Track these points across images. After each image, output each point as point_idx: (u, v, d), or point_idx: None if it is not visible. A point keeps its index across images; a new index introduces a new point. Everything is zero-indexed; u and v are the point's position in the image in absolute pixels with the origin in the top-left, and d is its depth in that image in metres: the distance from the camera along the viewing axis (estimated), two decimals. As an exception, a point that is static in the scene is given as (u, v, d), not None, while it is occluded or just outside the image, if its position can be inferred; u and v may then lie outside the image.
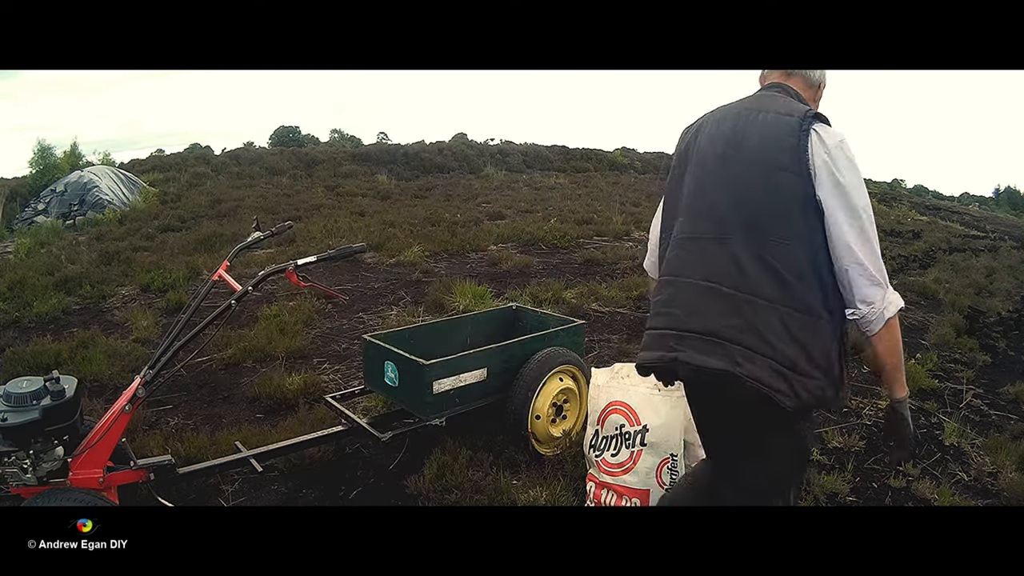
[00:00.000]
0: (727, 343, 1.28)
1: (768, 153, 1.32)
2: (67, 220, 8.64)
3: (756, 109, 1.41)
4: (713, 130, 1.44)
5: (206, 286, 2.19)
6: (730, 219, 1.34)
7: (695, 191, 1.42)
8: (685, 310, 1.35)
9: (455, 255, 6.38)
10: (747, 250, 1.30)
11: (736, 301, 1.29)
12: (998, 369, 4.16)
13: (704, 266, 1.35)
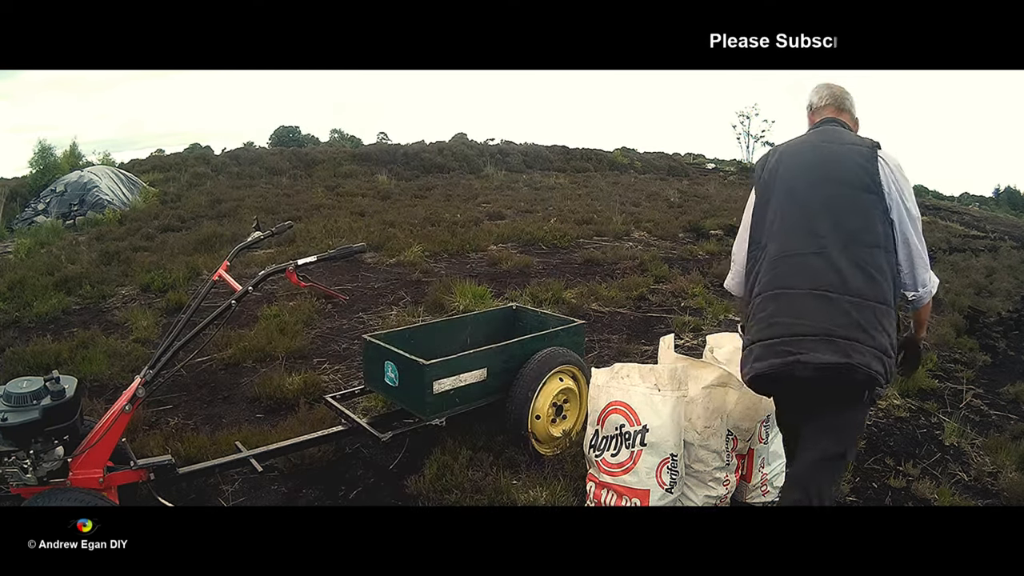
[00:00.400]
0: (839, 339, 1.52)
1: (854, 177, 1.61)
2: (67, 220, 8.64)
3: (829, 141, 1.70)
4: (793, 162, 1.70)
5: (206, 286, 2.19)
6: (827, 234, 1.58)
7: (787, 215, 1.65)
8: (795, 317, 1.57)
9: (455, 255, 6.38)
10: (844, 258, 1.56)
11: (841, 303, 1.54)
12: (998, 369, 4.16)
13: (809, 277, 1.58)
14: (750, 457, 2.25)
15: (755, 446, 2.23)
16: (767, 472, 2.29)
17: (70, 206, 9.02)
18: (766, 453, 2.27)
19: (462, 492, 2.21)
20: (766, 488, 2.29)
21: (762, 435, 2.23)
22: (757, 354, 1.62)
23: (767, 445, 2.26)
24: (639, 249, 7.01)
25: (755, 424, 2.17)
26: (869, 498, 2.51)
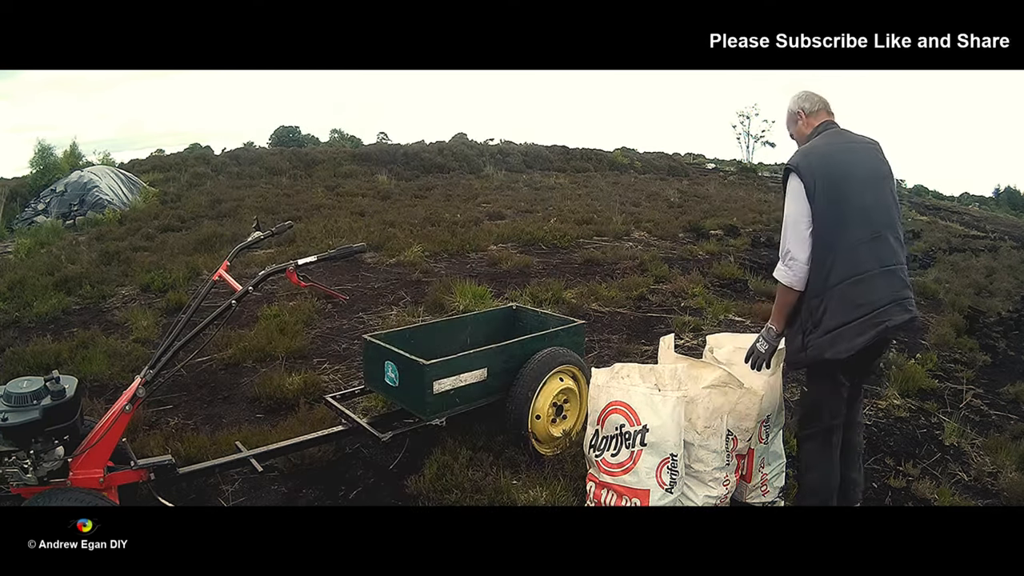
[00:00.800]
0: (904, 300, 1.96)
1: (880, 170, 2.03)
2: (67, 220, 8.63)
3: (852, 142, 2.06)
4: (837, 169, 1.95)
5: (206, 286, 2.19)
6: (879, 221, 1.96)
7: (849, 216, 1.92)
8: (876, 294, 1.92)
9: (455, 255, 6.38)
10: (892, 238, 1.97)
11: (899, 272, 1.97)
12: (998, 369, 4.16)
13: (876, 260, 1.93)
14: (750, 457, 2.25)
15: (755, 446, 2.23)
16: (767, 472, 2.29)
17: (70, 206, 9.01)
18: (766, 453, 2.27)
19: (462, 492, 2.21)
20: (766, 488, 2.29)
21: (762, 435, 2.23)
22: (855, 331, 1.91)
23: (767, 445, 2.26)
24: (639, 249, 7.00)
25: (755, 424, 2.17)
26: (869, 498, 2.51)
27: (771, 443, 2.27)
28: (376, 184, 11.87)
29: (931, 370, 3.89)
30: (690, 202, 12.01)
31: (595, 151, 19.47)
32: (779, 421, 2.31)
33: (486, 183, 12.72)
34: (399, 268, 5.81)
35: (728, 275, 5.95)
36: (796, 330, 2.01)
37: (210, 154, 15.98)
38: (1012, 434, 3.09)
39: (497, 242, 6.94)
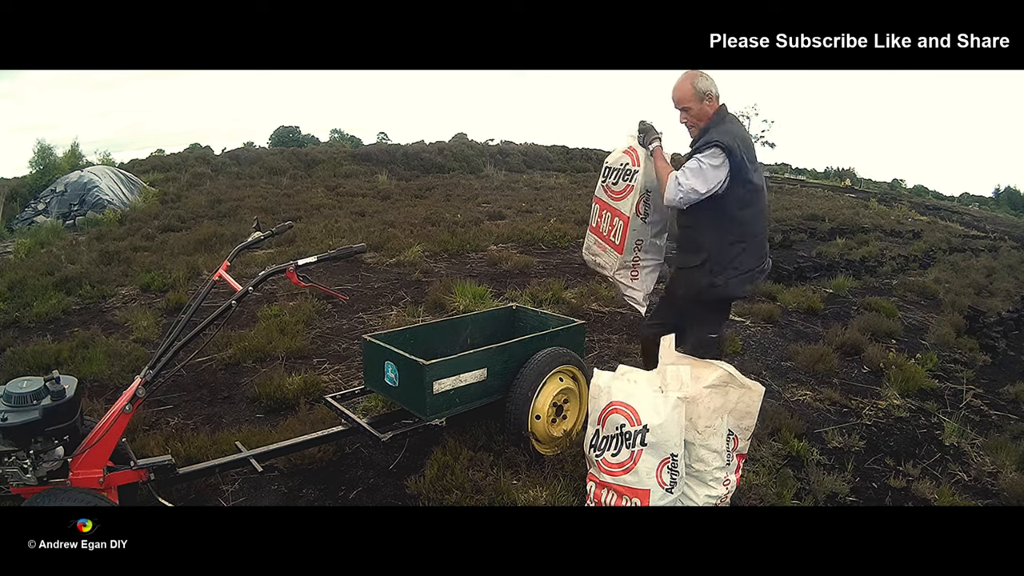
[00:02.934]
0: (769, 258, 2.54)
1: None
2: (67, 220, 8.64)
3: (745, 128, 2.52)
4: (752, 152, 2.37)
5: (206, 286, 2.19)
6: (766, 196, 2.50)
7: (759, 187, 2.40)
8: (765, 250, 2.49)
9: (455, 255, 6.38)
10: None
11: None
12: (998, 369, 4.16)
13: (765, 225, 2.51)
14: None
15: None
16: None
17: (70, 206, 9.02)
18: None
19: (462, 492, 2.21)
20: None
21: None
22: (754, 276, 2.43)
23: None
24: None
25: (756, 423, 2.17)
26: (869, 498, 2.51)
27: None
28: (376, 184, 11.87)
29: (931, 370, 3.89)
30: (690, 202, 12.00)
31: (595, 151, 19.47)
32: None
33: (486, 183, 12.72)
34: (399, 268, 5.81)
35: (728, 275, 5.94)
36: (705, 271, 2.38)
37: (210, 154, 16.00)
38: (1012, 434, 3.10)
39: (497, 242, 6.94)
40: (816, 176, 30.75)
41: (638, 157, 2.55)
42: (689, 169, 2.32)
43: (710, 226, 2.36)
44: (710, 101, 2.38)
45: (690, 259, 2.44)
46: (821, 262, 7.09)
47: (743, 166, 2.30)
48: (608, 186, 2.66)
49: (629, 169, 2.57)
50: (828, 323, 4.79)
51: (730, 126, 2.37)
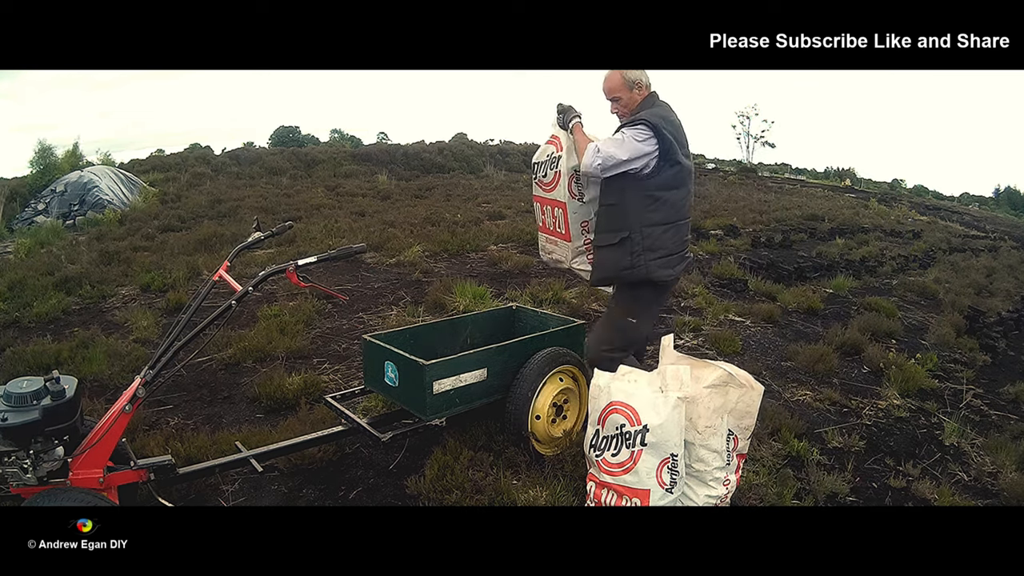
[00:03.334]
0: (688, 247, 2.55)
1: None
2: (67, 220, 8.64)
3: (675, 113, 2.45)
4: (680, 135, 2.39)
5: (206, 286, 2.19)
6: (693, 181, 2.50)
7: (685, 168, 2.40)
8: (687, 236, 2.49)
9: (455, 255, 6.38)
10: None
11: (688, 225, 2.53)
12: (998, 369, 4.16)
13: (689, 210, 2.48)
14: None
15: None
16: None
17: (70, 206, 9.02)
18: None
19: (462, 492, 2.21)
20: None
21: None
22: (676, 260, 2.43)
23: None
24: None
25: (756, 423, 2.17)
26: (869, 498, 2.51)
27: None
28: (376, 184, 11.87)
29: (931, 370, 3.89)
30: (690, 202, 12.00)
31: (595, 151, 19.41)
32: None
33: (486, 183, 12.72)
34: (399, 268, 5.80)
35: (728, 275, 5.95)
36: (623, 252, 2.37)
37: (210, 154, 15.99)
38: (1012, 434, 3.10)
39: (497, 242, 6.94)
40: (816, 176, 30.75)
41: (561, 143, 2.54)
42: (609, 139, 2.32)
43: (634, 205, 2.34)
44: (640, 89, 2.40)
45: (609, 238, 2.41)
46: (821, 262, 7.09)
47: (672, 147, 2.30)
48: (540, 180, 2.66)
49: (554, 156, 2.56)
50: (828, 323, 4.79)
51: (658, 109, 2.38)
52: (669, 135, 2.30)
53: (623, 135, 2.30)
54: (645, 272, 2.36)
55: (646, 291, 2.44)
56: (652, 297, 2.49)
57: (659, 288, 2.47)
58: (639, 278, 2.38)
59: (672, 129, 2.34)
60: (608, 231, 2.43)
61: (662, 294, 2.55)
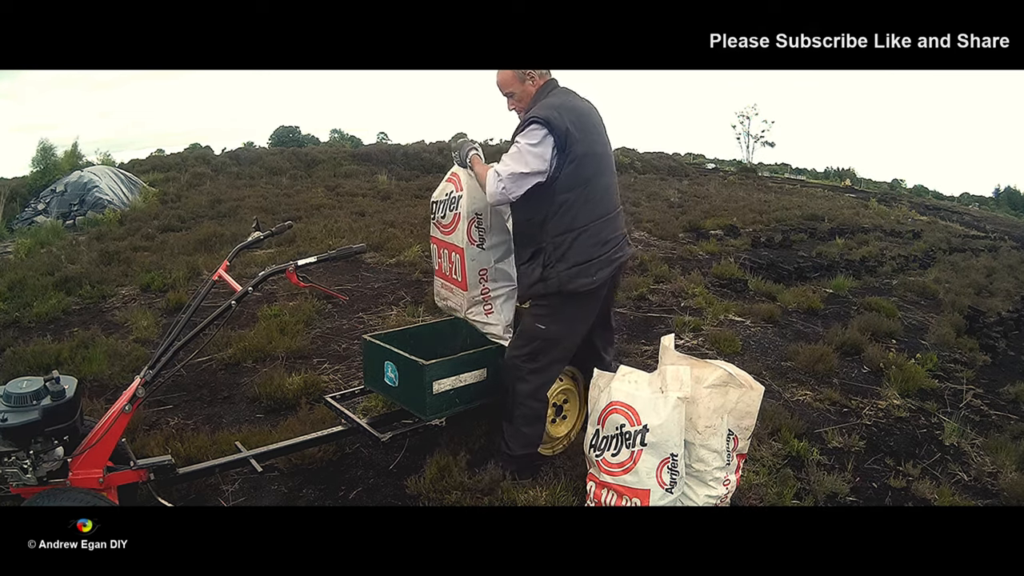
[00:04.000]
0: (626, 236, 2.35)
1: (604, 122, 2.32)
2: (67, 220, 8.63)
3: (582, 98, 2.28)
4: (586, 121, 2.19)
5: (206, 286, 2.19)
6: (614, 167, 2.33)
7: (600, 160, 2.21)
8: (615, 231, 2.26)
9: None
10: (616, 183, 2.33)
11: (622, 212, 2.35)
12: (998, 369, 4.16)
13: (615, 200, 2.31)
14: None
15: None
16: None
17: (70, 206, 9.01)
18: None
19: (462, 492, 2.21)
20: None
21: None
22: (599, 265, 2.18)
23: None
24: (639, 249, 7.00)
25: (756, 423, 2.16)
26: (869, 498, 2.51)
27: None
28: (376, 184, 11.86)
29: (931, 370, 3.89)
30: (690, 202, 12.02)
31: (595, 151, 19.41)
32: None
33: (486, 183, 12.70)
34: (399, 268, 5.80)
35: (728, 275, 5.95)
36: (535, 265, 2.19)
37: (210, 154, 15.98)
38: (1012, 434, 3.10)
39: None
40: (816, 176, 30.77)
41: (460, 181, 2.33)
42: (506, 155, 2.13)
43: (543, 214, 2.14)
44: (532, 80, 2.23)
45: (524, 254, 2.25)
46: (821, 262, 7.09)
47: (568, 137, 2.08)
48: (438, 221, 2.45)
49: (454, 196, 2.35)
50: (828, 323, 4.79)
51: (553, 99, 2.19)
52: (566, 124, 2.09)
53: (518, 147, 2.10)
54: (556, 284, 2.15)
55: (555, 299, 2.20)
56: (568, 307, 2.21)
57: (579, 298, 2.20)
58: (550, 291, 2.17)
59: (573, 116, 2.13)
60: (523, 247, 2.26)
61: (584, 304, 2.24)
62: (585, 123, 2.17)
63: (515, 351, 2.29)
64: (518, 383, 2.25)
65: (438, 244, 2.47)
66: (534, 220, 2.18)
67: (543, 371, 2.26)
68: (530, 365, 2.25)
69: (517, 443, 2.30)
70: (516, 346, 2.30)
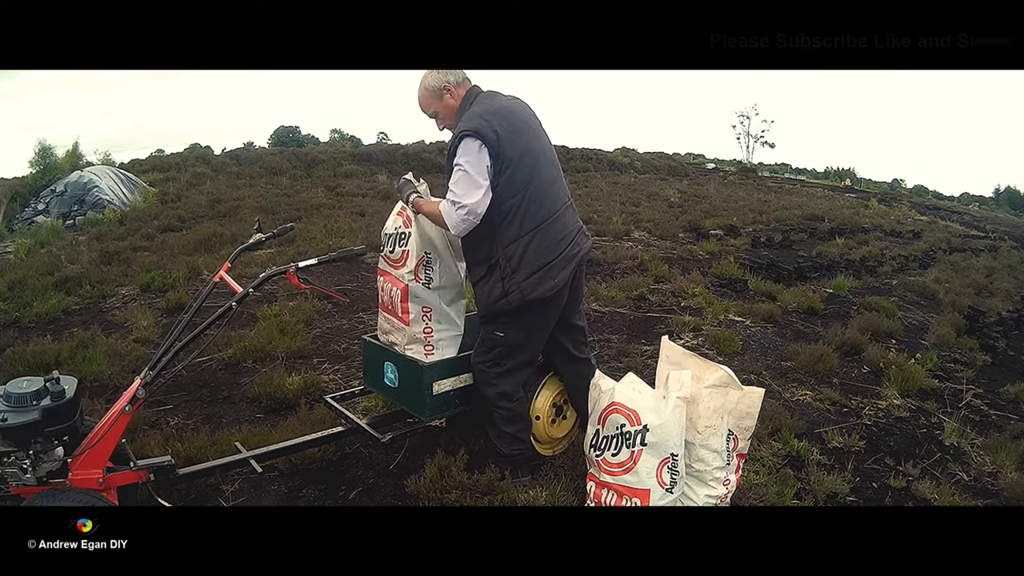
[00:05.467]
0: (582, 228, 2.28)
1: (536, 116, 2.26)
2: (67, 220, 8.62)
3: (508, 98, 2.23)
4: (515, 122, 2.11)
5: (207, 287, 2.19)
6: (556, 161, 2.26)
7: (537, 162, 2.13)
8: (569, 227, 2.19)
9: (455, 255, 6.37)
10: (562, 177, 2.29)
11: (573, 204, 2.28)
12: (998, 369, 4.16)
13: (563, 195, 2.23)
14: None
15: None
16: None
17: (70, 206, 9.01)
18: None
19: (462, 492, 2.21)
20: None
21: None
22: (559, 267, 2.12)
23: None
24: (639, 249, 7.01)
25: (756, 423, 2.16)
26: (869, 498, 2.51)
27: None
28: (376, 184, 11.86)
29: (931, 370, 3.89)
30: (690, 202, 12.02)
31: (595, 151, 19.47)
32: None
33: (486, 183, 12.70)
34: (399, 268, 5.79)
35: (728, 275, 5.95)
36: (494, 281, 2.11)
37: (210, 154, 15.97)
38: (1012, 434, 3.10)
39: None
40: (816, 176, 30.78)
41: (410, 218, 2.23)
42: (453, 183, 2.04)
43: (487, 228, 2.07)
44: (450, 93, 2.15)
45: (479, 271, 2.17)
46: (821, 262, 7.09)
47: (497, 143, 2.01)
48: (386, 255, 2.35)
49: (403, 232, 2.26)
50: (828, 323, 4.79)
51: (476, 107, 2.11)
52: (495, 129, 2.02)
53: (460, 169, 2.01)
54: (519, 297, 2.08)
55: (529, 310, 2.14)
56: (528, 313, 2.15)
57: (539, 303, 2.13)
58: (516, 304, 2.10)
59: (499, 119, 2.05)
60: (476, 264, 2.18)
61: (544, 308, 2.17)
62: (514, 123, 2.09)
63: (479, 357, 2.26)
64: (486, 388, 2.26)
65: (385, 277, 2.38)
66: (482, 235, 2.09)
67: (509, 374, 2.25)
68: (495, 370, 2.24)
69: (504, 443, 2.31)
70: (479, 352, 2.27)
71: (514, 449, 2.32)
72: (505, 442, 2.31)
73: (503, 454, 2.32)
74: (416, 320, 2.27)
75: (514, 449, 2.32)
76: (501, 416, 2.28)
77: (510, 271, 2.09)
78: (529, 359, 2.29)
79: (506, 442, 2.31)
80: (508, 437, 2.30)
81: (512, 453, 2.32)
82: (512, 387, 2.28)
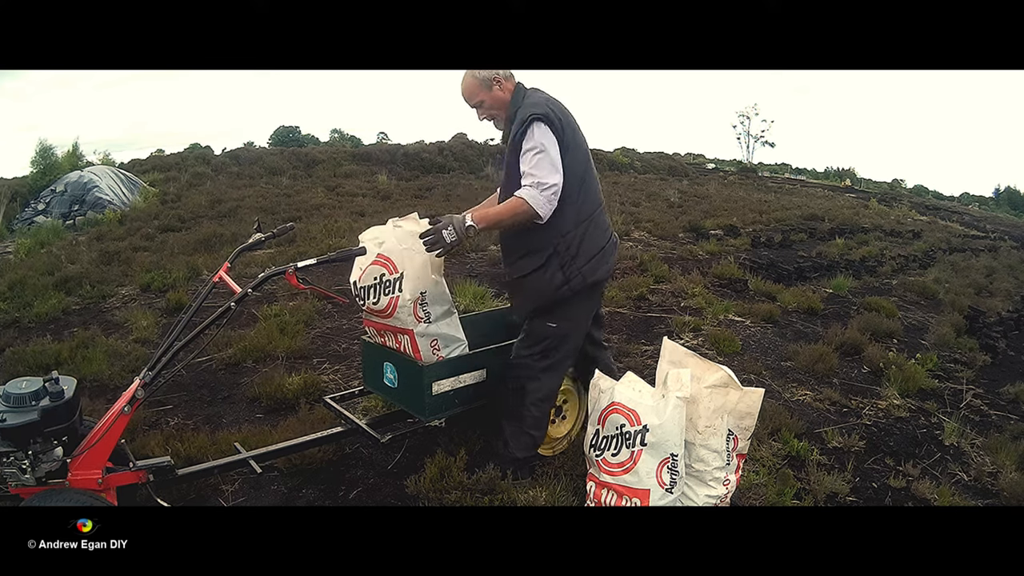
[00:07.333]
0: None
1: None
2: (67, 220, 8.63)
3: (556, 97, 2.21)
4: (570, 119, 2.17)
5: (207, 287, 2.19)
6: (594, 165, 2.30)
7: (587, 157, 2.21)
8: (608, 220, 2.34)
9: (455, 255, 6.37)
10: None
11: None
12: (998, 369, 4.16)
13: (601, 192, 2.32)
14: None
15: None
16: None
17: (70, 206, 9.01)
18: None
19: (462, 492, 2.21)
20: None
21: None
22: (610, 252, 2.26)
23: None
24: (639, 249, 7.01)
25: (756, 423, 2.16)
26: (869, 498, 2.51)
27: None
28: (376, 184, 11.86)
29: (931, 370, 3.89)
30: (690, 202, 12.02)
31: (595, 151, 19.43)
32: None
33: (486, 183, 12.70)
34: (399, 268, 5.79)
35: (728, 275, 5.95)
36: (553, 269, 2.12)
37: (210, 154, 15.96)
38: (1012, 434, 3.10)
39: (496, 242, 6.93)
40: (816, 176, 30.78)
41: (394, 264, 2.17)
42: (532, 166, 2.02)
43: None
44: (500, 85, 2.17)
45: (532, 262, 2.13)
46: (821, 262, 7.09)
47: (565, 129, 2.08)
48: (371, 308, 2.26)
49: (388, 279, 2.18)
50: (828, 323, 4.79)
51: (534, 97, 2.15)
52: (559, 117, 2.08)
53: (536, 152, 2.01)
54: (582, 281, 2.13)
55: (583, 297, 2.21)
56: (580, 301, 2.22)
57: (590, 290, 2.22)
58: (578, 289, 2.14)
59: (559, 110, 2.12)
60: (527, 255, 2.14)
61: (593, 296, 2.28)
62: (567, 116, 2.17)
63: (525, 350, 2.25)
64: (530, 382, 2.24)
65: (377, 327, 2.34)
66: (536, 224, 2.08)
67: (555, 368, 2.26)
68: (542, 363, 2.23)
69: (519, 445, 2.29)
70: (526, 345, 2.26)
71: (527, 454, 2.32)
72: (522, 445, 2.30)
73: (514, 457, 2.30)
74: (428, 355, 2.25)
75: (527, 454, 2.32)
76: (533, 416, 2.27)
77: (570, 258, 2.12)
78: (572, 351, 2.30)
79: (523, 445, 2.30)
80: (528, 440, 2.30)
81: (528, 457, 2.33)
82: (554, 384, 2.30)
